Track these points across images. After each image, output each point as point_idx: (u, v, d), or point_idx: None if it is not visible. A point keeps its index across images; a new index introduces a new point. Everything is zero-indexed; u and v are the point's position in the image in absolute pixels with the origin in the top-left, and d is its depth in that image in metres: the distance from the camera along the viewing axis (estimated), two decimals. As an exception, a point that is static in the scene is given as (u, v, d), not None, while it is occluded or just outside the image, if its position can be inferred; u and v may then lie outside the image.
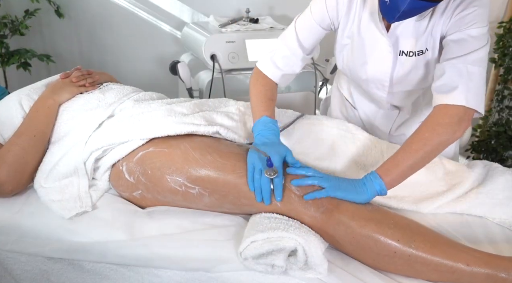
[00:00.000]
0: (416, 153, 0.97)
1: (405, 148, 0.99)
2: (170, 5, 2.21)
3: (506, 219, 1.07)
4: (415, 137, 0.99)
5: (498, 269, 0.87)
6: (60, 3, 2.14)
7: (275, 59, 1.21)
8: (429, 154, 0.98)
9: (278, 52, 1.21)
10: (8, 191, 1.07)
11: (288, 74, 1.22)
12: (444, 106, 0.99)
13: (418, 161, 0.98)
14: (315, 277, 0.88)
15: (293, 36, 1.19)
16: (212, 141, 1.08)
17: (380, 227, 0.92)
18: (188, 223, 1.01)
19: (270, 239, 0.89)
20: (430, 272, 0.89)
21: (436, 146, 0.98)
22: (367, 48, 1.15)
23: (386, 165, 1.00)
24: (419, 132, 0.99)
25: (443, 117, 0.98)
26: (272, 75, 1.21)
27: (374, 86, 1.22)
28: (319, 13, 1.16)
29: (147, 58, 2.31)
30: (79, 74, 1.28)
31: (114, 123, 1.14)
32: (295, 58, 1.20)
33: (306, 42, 1.19)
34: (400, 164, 0.98)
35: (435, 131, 0.97)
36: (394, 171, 0.98)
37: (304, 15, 1.19)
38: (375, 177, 0.98)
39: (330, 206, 0.95)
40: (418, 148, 0.97)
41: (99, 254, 0.96)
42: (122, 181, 1.09)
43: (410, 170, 0.99)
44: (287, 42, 1.20)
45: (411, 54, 1.12)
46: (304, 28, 1.19)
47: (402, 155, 0.98)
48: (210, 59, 1.62)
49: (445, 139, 0.98)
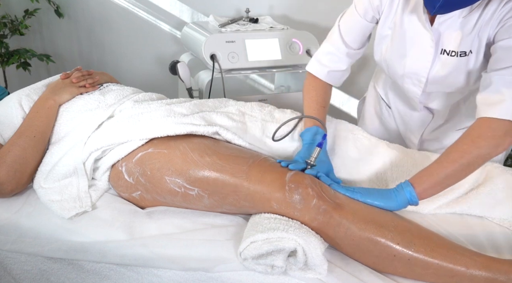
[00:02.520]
0: (452, 164, 0.94)
1: (442, 158, 0.97)
2: (170, 5, 2.20)
3: (506, 219, 1.07)
4: (453, 148, 0.96)
5: (498, 273, 0.86)
6: (59, 3, 2.14)
7: (319, 57, 1.22)
8: (466, 166, 0.95)
9: (322, 49, 1.22)
10: (8, 191, 1.07)
11: (335, 70, 1.22)
12: (488, 120, 0.93)
13: (454, 172, 0.95)
14: (315, 277, 0.88)
15: (336, 32, 1.19)
16: (211, 142, 1.08)
17: (380, 230, 0.91)
18: (188, 223, 1.01)
19: (270, 240, 0.89)
20: (429, 275, 0.89)
21: (475, 159, 0.94)
22: (408, 41, 1.12)
23: (420, 174, 0.98)
24: (458, 143, 0.96)
25: (486, 130, 0.93)
26: (318, 73, 1.21)
27: (410, 81, 1.18)
28: (362, 5, 1.15)
29: (147, 58, 2.30)
30: (79, 74, 1.28)
31: (113, 124, 1.14)
32: (339, 53, 1.20)
33: (350, 36, 1.18)
34: (434, 174, 0.96)
35: (475, 144, 0.93)
36: (427, 181, 0.96)
37: (348, 10, 1.19)
38: (406, 185, 0.97)
39: (330, 208, 0.95)
40: (454, 159, 0.94)
41: (99, 254, 0.96)
42: (122, 181, 1.09)
43: (445, 181, 0.96)
44: (330, 39, 1.20)
45: (453, 54, 1.07)
46: (347, 22, 1.18)
47: (437, 165, 0.96)
48: (210, 59, 1.62)
49: (486, 153, 0.94)
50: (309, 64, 1.25)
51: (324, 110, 1.19)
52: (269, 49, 1.71)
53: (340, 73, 1.24)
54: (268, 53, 1.71)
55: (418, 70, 1.14)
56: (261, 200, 0.98)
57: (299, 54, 1.74)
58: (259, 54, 1.69)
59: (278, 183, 0.98)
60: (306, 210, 0.96)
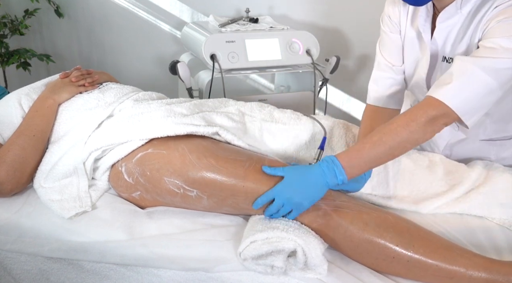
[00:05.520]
0: (382, 146, 0.91)
1: (374, 137, 0.93)
2: (170, 4, 2.20)
3: (506, 219, 1.07)
4: (386, 129, 0.93)
5: (497, 274, 0.86)
6: (59, 3, 2.14)
7: (374, 87, 1.21)
8: (394, 149, 0.92)
9: (374, 77, 1.21)
10: (8, 190, 1.07)
11: (394, 93, 1.20)
12: (429, 99, 0.92)
13: (384, 154, 0.92)
14: (315, 277, 0.88)
15: (379, 55, 1.21)
16: (210, 144, 1.07)
17: (379, 231, 0.91)
18: (188, 223, 1.01)
19: (269, 240, 0.89)
20: (429, 277, 0.89)
21: (404, 143, 0.92)
22: (413, 49, 1.14)
23: (348, 151, 0.94)
24: (392, 123, 0.93)
25: (422, 114, 0.90)
26: (379, 101, 1.19)
27: (417, 91, 1.19)
28: (385, 23, 1.18)
29: (147, 58, 2.30)
30: (78, 74, 1.28)
31: (113, 124, 1.14)
32: (391, 75, 1.19)
33: (391, 55, 1.18)
34: (364, 153, 0.92)
35: (408, 127, 0.91)
36: (354, 158, 0.92)
37: (380, 33, 1.21)
38: (333, 160, 0.93)
39: (329, 210, 0.95)
40: (386, 141, 0.91)
41: (99, 254, 0.96)
42: (121, 181, 1.09)
43: (372, 161, 0.94)
44: (377, 65, 1.21)
45: (450, 61, 1.07)
46: (383, 44, 1.20)
47: (368, 145, 0.92)
48: (210, 59, 1.62)
49: (415, 138, 0.92)
50: (368, 97, 1.22)
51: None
52: (269, 49, 1.71)
53: (399, 94, 1.21)
54: (268, 53, 1.71)
55: (418, 79, 1.15)
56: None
57: (299, 54, 1.73)
58: (259, 54, 1.69)
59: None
60: (304, 212, 0.96)
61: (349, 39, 2.23)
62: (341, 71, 1.83)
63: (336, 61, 1.81)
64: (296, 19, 2.18)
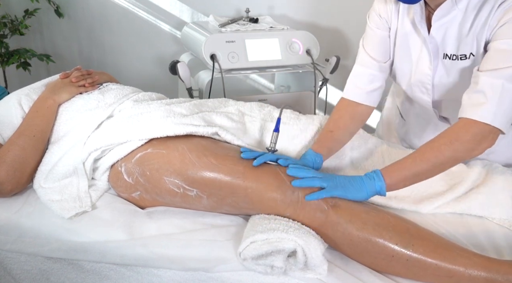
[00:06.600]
0: (425, 163, 0.95)
1: (416, 154, 0.97)
2: (170, 4, 2.20)
3: (506, 219, 1.07)
4: (429, 147, 0.96)
5: (497, 273, 0.86)
6: (59, 3, 2.14)
7: (354, 80, 1.20)
8: (438, 166, 0.95)
9: (354, 73, 1.21)
10: (8, 190, 1.07)
11: (373, 90, 1.19)
12: (469, 121, 0.93)
13: (426, 170, 0.95)
14: (315, 277, 0.88)
15: (362, 51, 1.20)
16: (209, 143, 1.08)
17: (378, 230, 0.92)
18: (187, 223, 1.01)
19: (269, 240, 0.89)
20: (428, 276, 0.89)
21: (448, 160, 0.94)
22: (410, 48, 1.13)
23: (391, 167, 0.98)
24: (434, 142, 0.96)
25: (464, 134, 0.93)
26: (357, 97, 1.19)
27: (418, 89, 1.19)
28: (373, 19, 1.17)
29: (147, 58, 2.30)
30: (78, 74, 1.28)
31: (113, 124, 1.14)
32: (372, 70, 1.18)
33: (374, 51, 1.18)
34: (406, 169, 0.96)
35: (451, 146, 0.93)
36: (397, 174, 0.96)
37: (366, 30, 1.20)
38: (377, 176, 0.97)
39: (328, 207, 0.95)
40: (428, 158, 0.94)
41: (99, 254, 0.96)
42: (121, 181, 1.09)
43: (415, 178, 0.97)
44: (359, 60, 1.20)
45: (454, 58, 1.07)
46: (367, 39, 1.19)
47: (410, 161, 0.96)
48: (210, 59, 1.62)
49: (460, 157, 0.95)
50: (345, 91, 1.22)
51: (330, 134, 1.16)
52: (269, 49, 1.71)
53: (378, 91, 1.21)
54: (268, 53, 1.71)
55: (421, 77, 1.15)
56: (259, 201, 0.98)
57: (299, 54, 1.74)
58: (259, 54, 1.69)
59: (275, 182, 0.98)
60: (303, 209, 0.96)
61: (349, 39, 2.23)
62: (341, 71, 1.83)
63: (336, 61, 1.81)
64: (296, 19, 2.18)
